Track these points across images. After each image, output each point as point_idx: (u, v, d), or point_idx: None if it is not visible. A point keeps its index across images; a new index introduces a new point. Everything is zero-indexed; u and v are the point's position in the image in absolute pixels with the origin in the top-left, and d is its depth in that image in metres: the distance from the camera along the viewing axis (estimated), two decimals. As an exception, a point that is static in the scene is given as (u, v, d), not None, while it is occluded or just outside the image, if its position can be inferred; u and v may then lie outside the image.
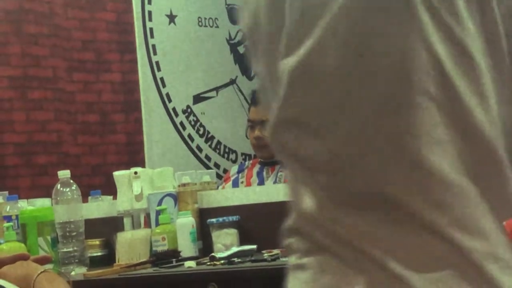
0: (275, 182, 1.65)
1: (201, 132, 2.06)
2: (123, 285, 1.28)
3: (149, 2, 1.94)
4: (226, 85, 2.08)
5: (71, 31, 2.49)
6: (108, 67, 2.56)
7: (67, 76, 2.48)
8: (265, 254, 1.26)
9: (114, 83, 2.58)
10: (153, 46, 1.95)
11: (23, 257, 0.77)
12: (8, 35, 2.38)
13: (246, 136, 1.83)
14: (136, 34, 1.92)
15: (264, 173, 1.69)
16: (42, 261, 0.77)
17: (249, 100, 1.86)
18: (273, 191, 1.37)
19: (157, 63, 1.96)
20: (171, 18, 1.98)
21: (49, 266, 0.87)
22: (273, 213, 1.08)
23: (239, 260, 1.25)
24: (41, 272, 0.73)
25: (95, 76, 2.56)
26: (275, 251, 1.25)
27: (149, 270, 1.28)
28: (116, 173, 1.45)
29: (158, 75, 1.97)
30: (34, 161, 2.38)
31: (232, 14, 2.06)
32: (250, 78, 2.05)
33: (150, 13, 1.94)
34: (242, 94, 2.08)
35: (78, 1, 2.51)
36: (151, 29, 1.95)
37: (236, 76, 2.11)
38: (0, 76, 2.36)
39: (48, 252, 1.40)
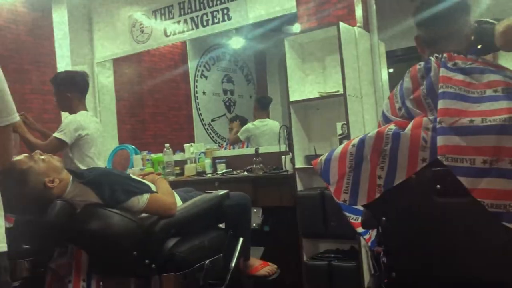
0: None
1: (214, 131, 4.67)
2: (188, 182, 3.72)
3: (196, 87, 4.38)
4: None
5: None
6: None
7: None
8: (235, 172, 3.62)
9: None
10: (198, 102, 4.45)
11: (151, 173, 3.13)
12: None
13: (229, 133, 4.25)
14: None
15: (235, 145, 4.10)
16: (158, 174, 3.12)
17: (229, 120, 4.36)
18: (237, 151, 3.76)
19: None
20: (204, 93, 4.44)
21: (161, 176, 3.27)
22: (237, 157, 3.49)
23: (226, 174, 3.60)
24: (158, 178, 2.99)
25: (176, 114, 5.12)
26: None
27: (195, 177, 3.70)
28: (185, 145, 3.93)
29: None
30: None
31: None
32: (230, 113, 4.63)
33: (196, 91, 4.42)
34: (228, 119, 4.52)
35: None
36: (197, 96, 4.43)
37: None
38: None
39: (160, 171, 3.90)
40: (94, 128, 3.00)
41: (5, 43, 3.98)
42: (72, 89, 3.04)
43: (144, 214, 2.01)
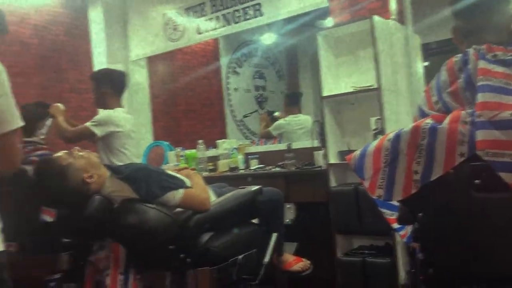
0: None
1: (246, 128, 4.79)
2: (221, 178, 3.76)
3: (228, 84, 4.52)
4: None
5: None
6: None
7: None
8: (267, 168, 3.64)
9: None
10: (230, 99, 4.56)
11: (186, 168, 3.16)
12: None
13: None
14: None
15: (266, 141, 4.12)
16: (192, 169, 3.17)
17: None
18: (269, 147, 3.78)
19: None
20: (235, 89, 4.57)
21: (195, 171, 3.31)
22: (269, 152, 3.51)
23: (259, 170, 3.61)
24: (193, 173, 3.07)
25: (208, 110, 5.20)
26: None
27: (228, 173, 3.73)
28: (218, 141, 3.97)
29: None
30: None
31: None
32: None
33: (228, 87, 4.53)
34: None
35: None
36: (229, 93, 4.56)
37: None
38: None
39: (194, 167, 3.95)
40: (127, 125, 3.07)
41: (44, 44, 4.12)
42: (110, 86, 3.11)
43: (179, 209, 2.05)
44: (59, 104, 3.05)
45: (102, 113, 3.06)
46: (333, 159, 3.02)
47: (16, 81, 3.76)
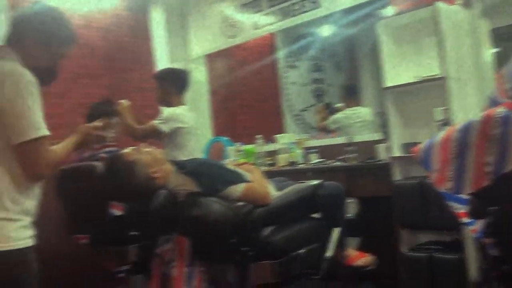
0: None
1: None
2: (280, 172, 3.77)
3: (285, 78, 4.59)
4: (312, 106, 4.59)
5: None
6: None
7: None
8: (327, 162, 3.59)
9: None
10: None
11: (246, 163, 3.16)
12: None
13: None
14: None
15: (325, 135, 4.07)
16: (252, 164, 3.17)
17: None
18: (329, 140, 3.73)
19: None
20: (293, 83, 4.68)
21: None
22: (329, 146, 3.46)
23: (319, 164, 3.59)
24: (253, 167, 3.10)
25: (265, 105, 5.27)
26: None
27: (287, 168, 3.72)
28: (276, 135, 3.96)
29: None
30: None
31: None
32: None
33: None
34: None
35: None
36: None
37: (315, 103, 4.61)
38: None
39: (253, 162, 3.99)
40: (191, 121, 3.15)
41: (109, 46, 4.30)
42: (173, 85, 3.20)
43: (240, 203, 2.08)
44: (124, 101, 3.16)
45: (167, 111, 3.16)
46: (397, 152, 2.93)
47: (84, 82, 3.99)
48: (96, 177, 2.40)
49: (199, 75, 4.82)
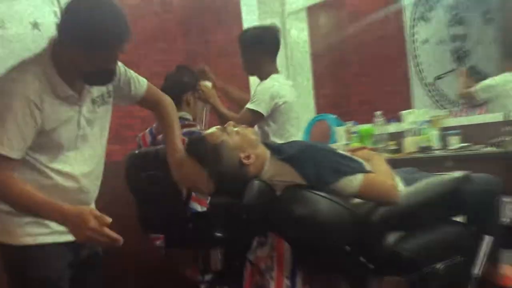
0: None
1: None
2: (409, 161, 3.68)
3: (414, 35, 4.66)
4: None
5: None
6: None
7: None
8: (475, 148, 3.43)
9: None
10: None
11: (363, 148, 2.93)
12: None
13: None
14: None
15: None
16: (371, 149, 3.08)
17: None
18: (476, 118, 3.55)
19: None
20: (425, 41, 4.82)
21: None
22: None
23: (462, 150, 3.44)
24: (372, 154, 2.34)
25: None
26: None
27: (417, 155, 3.63)
28: (402, 112, 3.87)
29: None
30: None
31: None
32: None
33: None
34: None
35: None
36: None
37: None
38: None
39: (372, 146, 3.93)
40: (290, 94, 3.16)
41: (187, 5, 4.44)
42: (261, 49, 3.23)
43: (357, 200, 2.06)
44: (206, 84, 3.24)
45: (259, 87, 3.19)
46: None
47: (158, 47, 4.17)
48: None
49: (298, 34, 4.83)
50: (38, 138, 1.86)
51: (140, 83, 2.22)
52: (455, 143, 3.55)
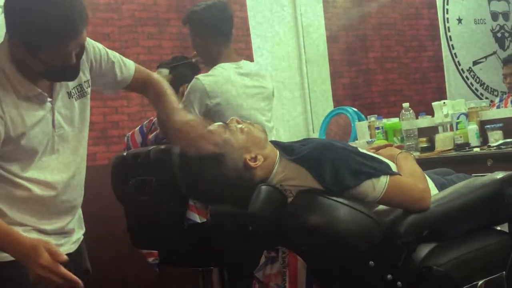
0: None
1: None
2: (442, 160, 3.68)
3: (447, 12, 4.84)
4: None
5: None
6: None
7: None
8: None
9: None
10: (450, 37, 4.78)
11: (388, 145, 2.96)
12: None
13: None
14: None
15: None
16: (398, 147, 3.07)
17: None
18: None
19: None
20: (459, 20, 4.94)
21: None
22: None
23: (505, 146, 3.45)
24: (400, 153, 2.30)
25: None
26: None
27: (453, 153, 3.64)
28: (434, 103, 3.87)
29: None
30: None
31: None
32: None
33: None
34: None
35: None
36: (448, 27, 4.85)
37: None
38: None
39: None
40: (232, 91, 3.03)
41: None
42: (202, 32, 3.11)
43: (381, 207, 2.06)
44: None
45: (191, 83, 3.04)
46: None
47: (148, 31, 4.18)
48: (169, 167, 2.50)
49: (312, 13, 4.82)
50: (4, 146, 1.86)
51: (127, 66, 2.23)
52: (497, 138, 3.55)
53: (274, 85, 3.39)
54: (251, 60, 3.92)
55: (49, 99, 1.96)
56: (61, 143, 2.01)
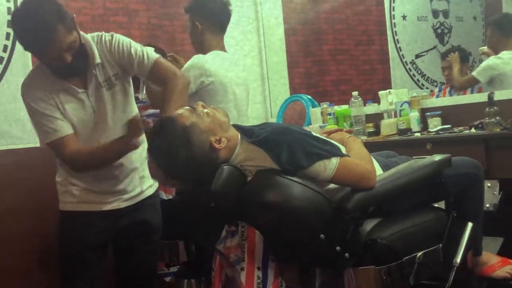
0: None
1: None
2: (387, 144, 3.72)
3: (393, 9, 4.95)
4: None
5: None
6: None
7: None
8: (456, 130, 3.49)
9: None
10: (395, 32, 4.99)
11: (339, 130, 2.69)
12: None
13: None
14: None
15: (452, 91, 3.91)
16: (348, 132, 3.10)
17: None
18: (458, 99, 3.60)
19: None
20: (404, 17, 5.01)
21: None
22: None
23: (443, 132, 3.51)
24: (349, 137, 2.32)
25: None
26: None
27: (396, 137, 3.67)
28: (380, 92, 3.91)
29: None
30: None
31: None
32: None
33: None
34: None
35: None
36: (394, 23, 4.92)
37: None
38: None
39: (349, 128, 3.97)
40: (225, 74, 3.02)
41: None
42: (202, 18, 3.08)
43: (332, 185, 2.08)
44: (176, 56, 3.18)
45: (189, 61, 3.06)
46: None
47: (118, 20, 4.11)
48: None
49: (271, 7, 4.81)
50: None
51: (146, 61, 2.39)
52: (435, 124, 3.57)
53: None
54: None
55: (81, 90, 2.33)
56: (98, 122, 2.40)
